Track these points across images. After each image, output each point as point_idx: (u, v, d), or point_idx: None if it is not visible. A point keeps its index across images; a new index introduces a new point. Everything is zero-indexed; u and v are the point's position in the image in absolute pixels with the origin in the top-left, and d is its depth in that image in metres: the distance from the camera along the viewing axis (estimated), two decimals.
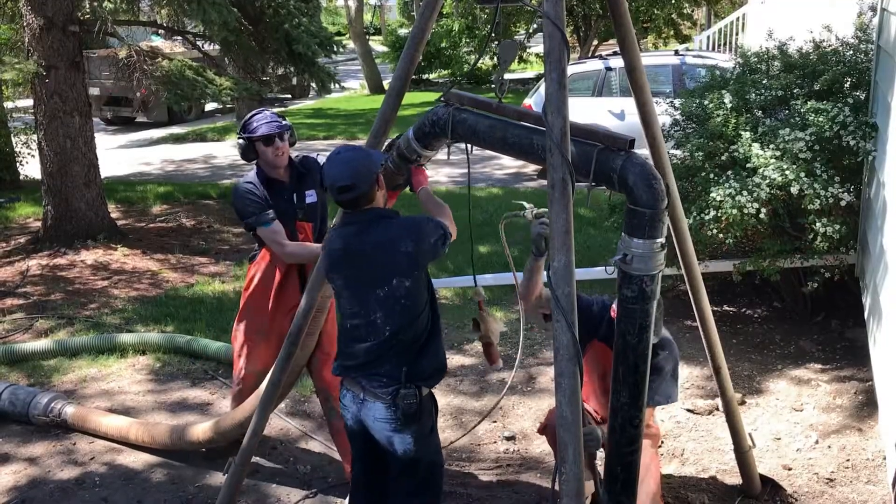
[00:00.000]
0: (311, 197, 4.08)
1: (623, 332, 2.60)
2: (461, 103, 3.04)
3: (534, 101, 10.96)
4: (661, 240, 2.52)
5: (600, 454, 4.02)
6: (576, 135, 2.62)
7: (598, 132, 2.65)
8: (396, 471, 3.07)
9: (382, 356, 2.95)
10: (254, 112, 4.02)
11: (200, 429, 4.32)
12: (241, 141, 4.01)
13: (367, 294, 2.93)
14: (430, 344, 3.01)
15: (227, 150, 14.72)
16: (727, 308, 6.17)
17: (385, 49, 26.90)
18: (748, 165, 5.10)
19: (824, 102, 5.18)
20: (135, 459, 4.45)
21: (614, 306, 3.45)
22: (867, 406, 4.66)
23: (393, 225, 2.93)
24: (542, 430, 3.87)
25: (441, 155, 3.44)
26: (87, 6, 8.83)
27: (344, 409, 3.13)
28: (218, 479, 4.14)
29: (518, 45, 2.93)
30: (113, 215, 9.21)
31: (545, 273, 2.38)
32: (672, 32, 22.95)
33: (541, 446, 4.43)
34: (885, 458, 4.11)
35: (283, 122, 3.99)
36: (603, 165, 2.54)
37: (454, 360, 5.62)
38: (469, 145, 3.11)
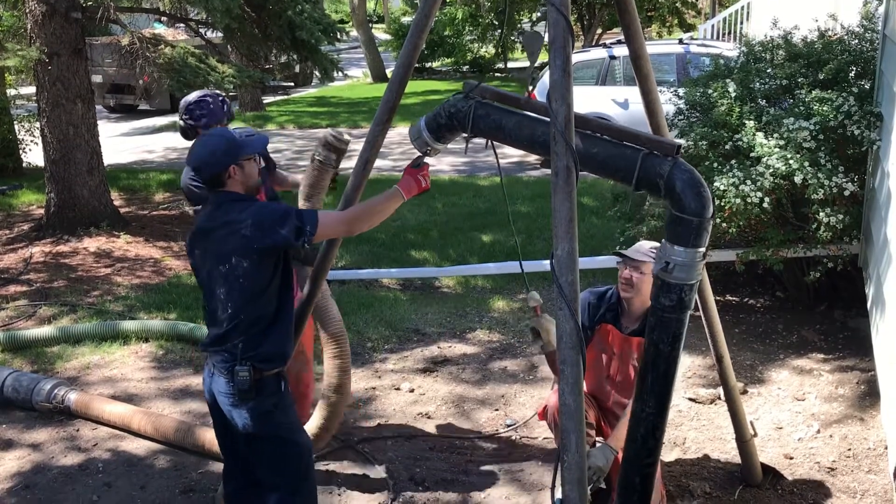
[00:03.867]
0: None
1: (656, 341, 2.55)
2: (483, 96, 2.92)
3: (537, 89, 10.93)
4: (704, 249, 2.48)
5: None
6: (618, 137, 2.58)
7: (640, 135, 2.58)
8: (245, 446, 3.21)
9: (227, 333, 3.07)
10: (196, 95, 4.14)
11: (210, 437, 4.29)
12: (181, 124, 4.18)
13: (214, 270, 3.07)
14: (273, 329, 3.10)
15: None
16: (730, 297, 6.16)
17: (388, 37, 26.81)
18: (752, 155, 5.09)
19: (829, 92, 5.16)
20: (138, 446, 4.46)
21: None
22: (869, 396, 4.66)
23: (244, 208, 3.02)
24: (543, 414, 3.88)
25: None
26: None
27: (203, 382, 3.28)
28: (220, 466, 4.15)
29: (542, 35, 2.76)
30: (116, 203, 9.22)
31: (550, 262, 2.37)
32: (676, 21, 22.88)
33: (543, 434, 4.44)
34: (886, 448, 4.12)
35: (222, 97, 4.18)
36: (648, 171, 2.47)
37: (456, 348, 5.63)
38: (488, 141, 2.99)
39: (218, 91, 4.19)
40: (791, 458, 4.16)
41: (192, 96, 4.17)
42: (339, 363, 3.91)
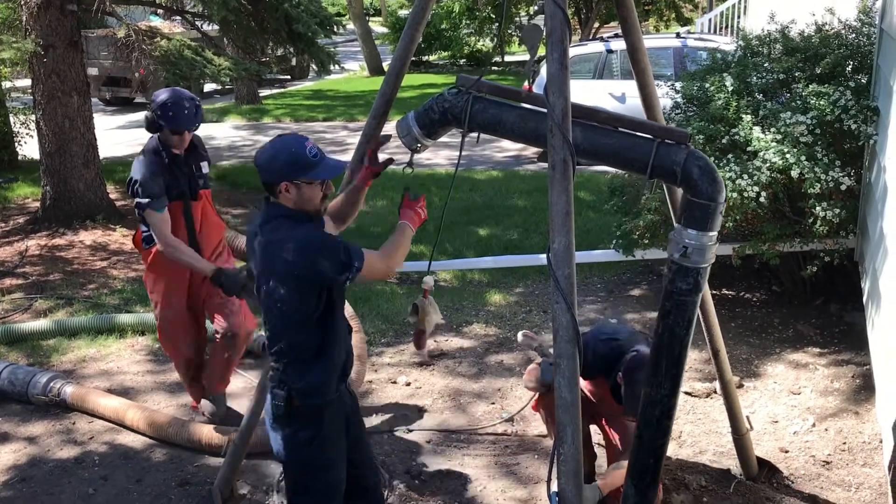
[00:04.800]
0: (205, 168, 4.35)
1: (672, 325, 2.60)
2: (479, 90, 2.89)
3: (535, 84, 10.91)
4: (716, 232, 2.57)
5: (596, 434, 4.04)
6: (628, 127, 2.63)
7: (651, 125, 2.64)
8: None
9: (272, 354, 2.93)
10: (173, 95, 4.09)
11: (206, 431, 4.30)
12: (148, 117, 4.16)
13: (259, 284, 2.91)
14: (316, 362, 2.87)
15: (225, 132, 14.68)
16: (726, 292, 6.17)
17: (385, 30, 26.72)
18: (749, 149, 5.09)
19: (826, 86, 5.16)
20: (134, 439, 4.46)
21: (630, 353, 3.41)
22: (864, 390, 4.67)
23: (292, 227, 2.79)
24: (537, 406, 3.88)
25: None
26: None
27: None
28: (216, 460, 4.16)
29: (542, 28, 2.72)
30: (111, 196, 9.19)
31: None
32: (674, 15, 22.83)
33: (538, 428, 4.44)
34: (881, 441, 4.12)
35: (197, 102, 4.20)
36: (664, 159, 2.54)
37: (453, 342, 5.63)
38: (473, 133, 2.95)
39: (193, 95, 4.20)
40: (786, 452, 4.17)
41: (167, 95, 4.11)
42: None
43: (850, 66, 5.43)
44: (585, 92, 10.26)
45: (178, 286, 4.35)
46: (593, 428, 3.91)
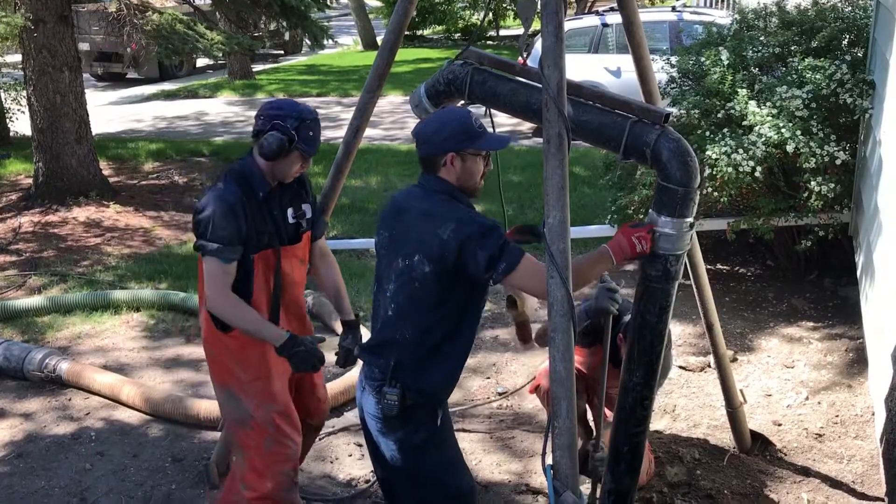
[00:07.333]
0: (308, 212, 3.14)
1: (642, 311, 2.56)
2: (480, 62, 2.88)
3: (529, 58, 10.83)
4: (691, 219, 2.46)
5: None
6: (609, 105, 2.58)
7: (632, 104, 2.56)
8: (383, 475, 2.79)
9: (383, 343, 2.64)
10: (303, 108, 2.93)
11: (203, 405, 4.30)
12: (282, 137, 2.85)
13: (393, 259, 2.63)
14: (438, 358, 2.60)
15: (218, 107, 14.58)
16: (720, 266, 6.18)
17: (379, 4, 26.49)
18: (744, 123, 5.08)
19: (822, 60, 5.14)
20: (130, 415, 4.47)
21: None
22: (857, 363, 4.70)
23: (454, 208, 2.56)
24: (535, 389, 3.89)
25: None
26: None
27: (356, 391, 2.81)
28: (213, 434, 4.17)
29: (536, 1, 2.68)
30: (105, 172, 9.15)
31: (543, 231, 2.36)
32: None
33: (534, 402, 4.46)
34: (873, 414, 4.16)
35: None
36: (636, 139, 2.46)
37: None
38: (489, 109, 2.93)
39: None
40: (780, 425, 4.20)
41: (297, 106, 2.93)
42: None
43: (847, 40, 5.41)
44: (581, 66, 10.22)
45: (279, 362, 3.02)
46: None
